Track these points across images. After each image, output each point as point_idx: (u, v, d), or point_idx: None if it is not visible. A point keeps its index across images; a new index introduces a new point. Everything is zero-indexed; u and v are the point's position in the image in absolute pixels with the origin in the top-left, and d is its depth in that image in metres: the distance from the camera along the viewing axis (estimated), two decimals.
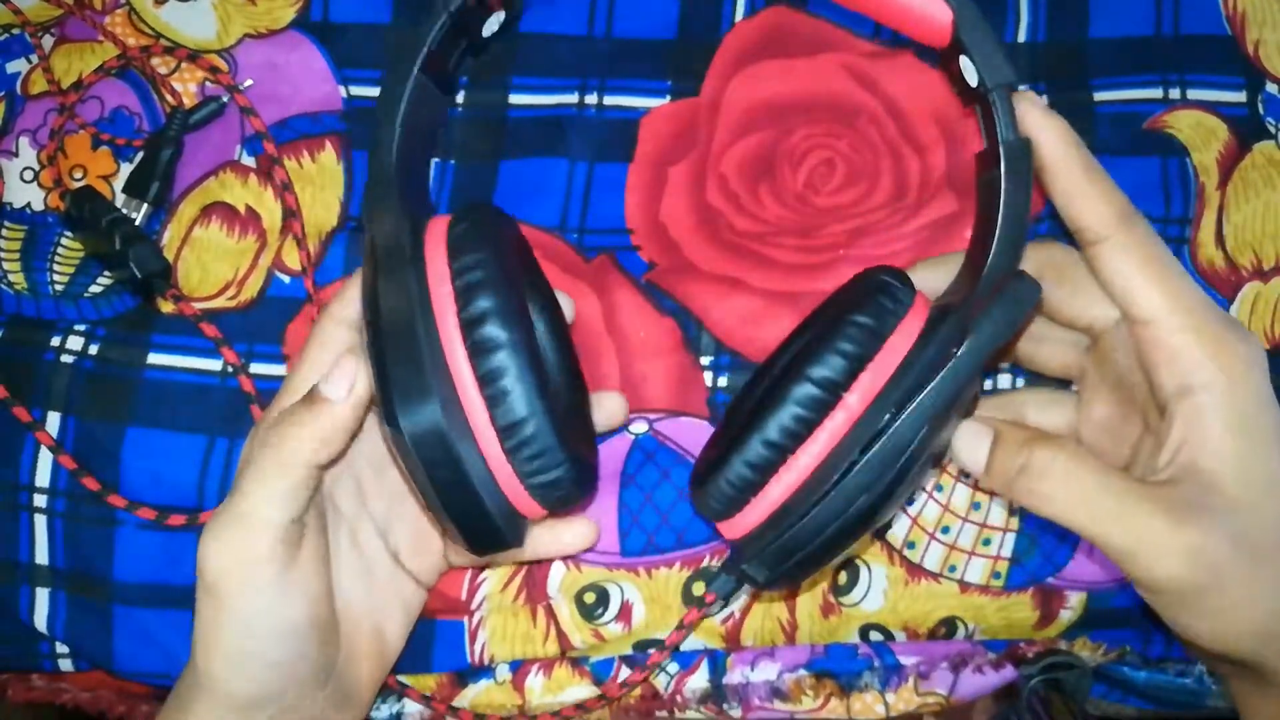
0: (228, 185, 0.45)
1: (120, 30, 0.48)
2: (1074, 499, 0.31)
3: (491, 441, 0.32)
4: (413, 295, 0.32)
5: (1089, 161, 0.33)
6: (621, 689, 0.40)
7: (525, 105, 0.46)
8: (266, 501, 0.33)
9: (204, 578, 0.33)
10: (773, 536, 0.32)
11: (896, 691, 0.41)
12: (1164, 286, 0.32)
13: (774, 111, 0.45)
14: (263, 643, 0.34)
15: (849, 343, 0.32)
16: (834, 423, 0.32)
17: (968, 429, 0.33)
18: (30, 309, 0.44)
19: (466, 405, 0.32)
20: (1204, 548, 0.30)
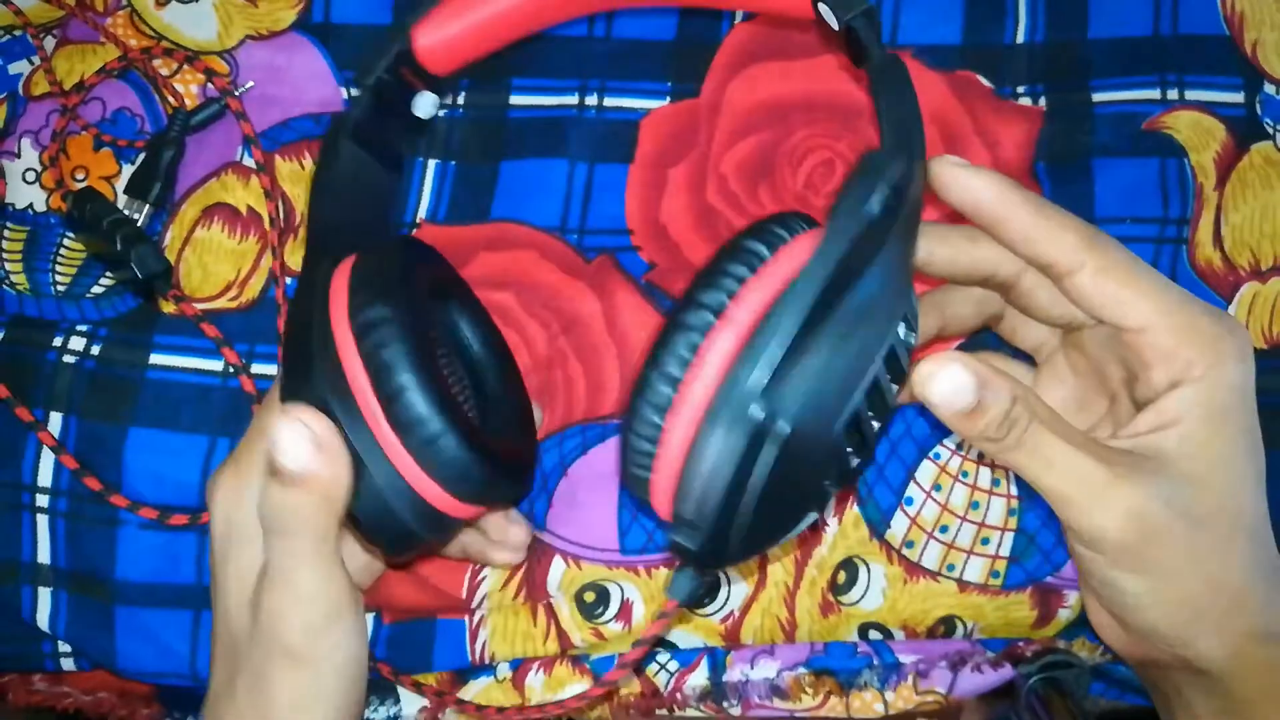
0: (229, 186, 0.46)
1: (122, 32, 0.48)
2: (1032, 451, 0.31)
3: (386, 431, 0.32)
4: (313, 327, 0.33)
5: (1034, 200, 0.33)
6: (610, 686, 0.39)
7: (525, 106, 0.46)
8: (321, 577, 0.32)
9: (291, 646, 0.32)
10: (689, 493, 0.29)
11: (895, 690, 0.41)
12: (1150, 296, 0.32)
13: (773, 112, 0.45)
14: (348, 696, 0.34)
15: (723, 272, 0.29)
16: (713, 347, 0.29)
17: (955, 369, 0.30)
18: (32, 309, 0.44)
19: (362, 406, 0.32)
20: (1143, 507, 0.31)
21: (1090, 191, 0.44)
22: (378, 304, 0.32)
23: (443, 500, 0.33)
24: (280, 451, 0.31)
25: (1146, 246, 0.43)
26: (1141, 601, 0.32)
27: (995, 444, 0.31)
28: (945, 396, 0.30)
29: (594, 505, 0.41)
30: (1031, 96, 0.46)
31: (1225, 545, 0.32)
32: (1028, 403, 0.31)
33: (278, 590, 0.33)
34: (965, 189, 0.33)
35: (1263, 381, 0.42)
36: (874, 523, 0.41)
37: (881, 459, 0.41)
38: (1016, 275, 0.35)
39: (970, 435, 0.31)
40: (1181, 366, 0.32)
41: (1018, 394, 0.31)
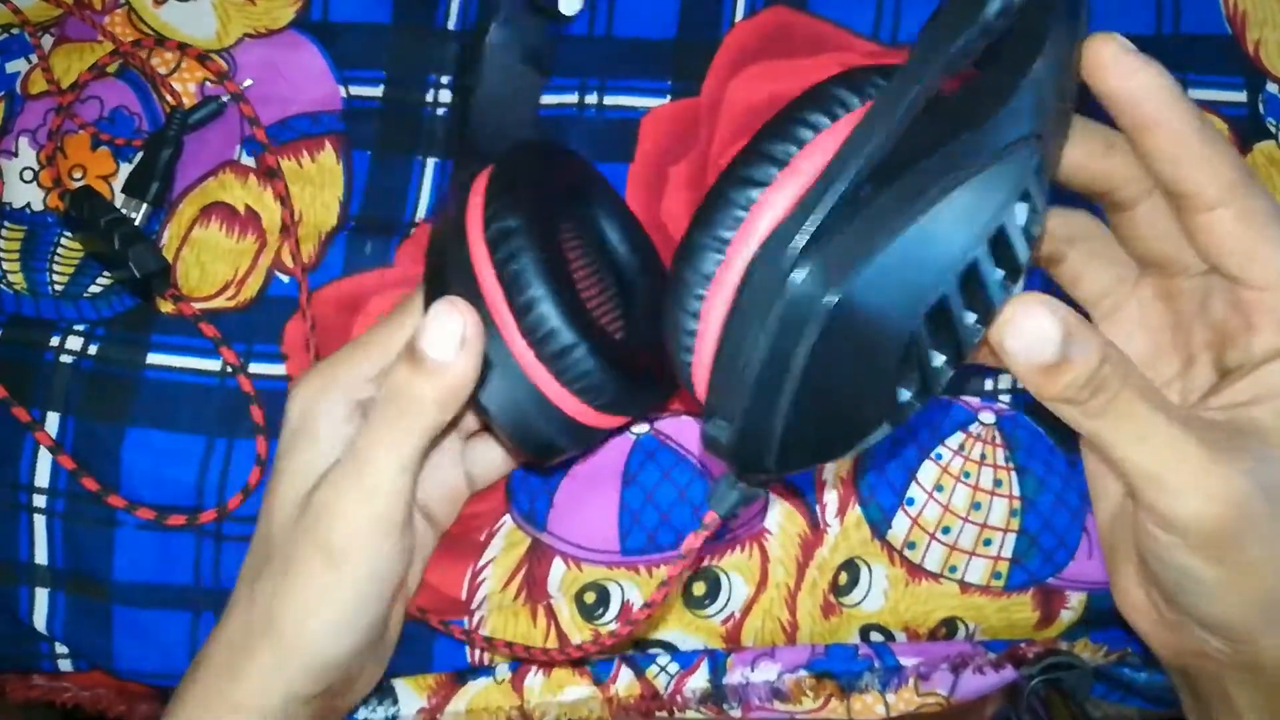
0: (227, 185, 0.45)
1: (120, 30, 0.48)
2: (1119, 420, 0.27)
3: (533, 361, 0.33)
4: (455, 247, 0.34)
5: (1199, 116, 0.29)
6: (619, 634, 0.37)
7: None
8: (398, 465, 0.32)
9: (330, 542, 0.32)
10: (721, 377, 0.25)
11: (897, 692, 0.41)
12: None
13: (774, 111, 0.45)
14: (370, 607, 0.33)
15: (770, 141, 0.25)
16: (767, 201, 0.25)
17: (1039, 311, 0.26)
18: (30, 309, 0.44)
19: (498, 320, 0.33)
20: (1244, 492, 0.28)
21: None
22: (510, 216, 0.33)
23: (583, 412, 0.34)
24: (427, 337, 0.31)
25: None
26: (1216, 593, 0.29)
27: (1077, 407, 0.27)
28: (1026, 346, 0.26)
29: (595, 506, 0.41)
30: None
31: None
32: (1120, 365, 0.27)
33: (342, 480, 0.32)
34: (1127, 78, 0.28)
35: None
36: (876, 523, 0.41)
37: (883, 459, 0.41)
38: (1138, 199, 0.30)
39: (1049, 394, 0.27)
40: None
41: (1109, 353, 0.27)
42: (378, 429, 0.32)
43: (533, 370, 0.33)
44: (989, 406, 0.42)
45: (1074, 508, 0.40)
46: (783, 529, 0.41)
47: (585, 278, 0.37)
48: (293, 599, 0.33)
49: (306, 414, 0.34)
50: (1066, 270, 0.33)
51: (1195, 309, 0.31)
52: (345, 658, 0.34)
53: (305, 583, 0.33)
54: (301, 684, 0.33)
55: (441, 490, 0.39)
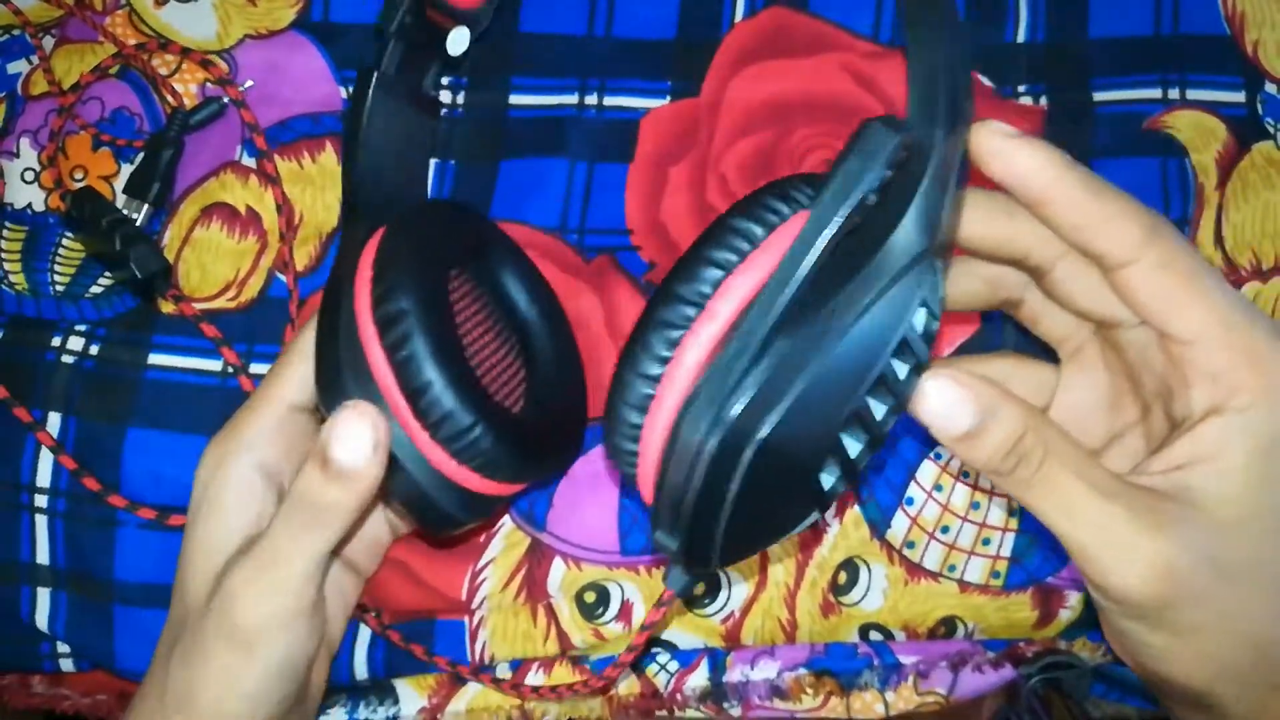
0: (228, 186, 0.45)
1: (121, 31, 0.48)
2: (1046, 491, 0.28)
3: (418, 432, 0.32)
4: (340, 319, 0.33)
5: (1089, 180, 0.29)
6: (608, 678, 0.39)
7: (525, 105, 0.46)
8: (310, 559, 0.32)
9: (237, 629, 0.32)
10: (664, 497, 0.27)
11: (896, 690, 0.41)
12: (1207, 304, 0.28)
13: (774, 111, 0.45)
14: (285, 684, 0.33)
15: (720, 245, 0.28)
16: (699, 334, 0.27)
17: (946, 385, 0.27)
18: (31, 309, 0.44)
19: (391, 403, 0.32)
20: (1173, 561, 0.28)
21: None
22: (398, 296, 0.32)
23: (484, 486, 0.34)
24: (339, 444, 0.30)
25: None
26: (1162, 655, 0.29)
27: (1002, 478, 0.28)
28: (937, 415, 0.27)
29: (594, 506, 0.41)
30: (1032, 96, 0.46)
31: (1255, 599, 0.29)
32: (1042, 435, 0.28)
33: (258, 570, 0.32)
34: (1009, 163, 0.29)
35: None
36: (875, 523, 0.41)
37: (883, 458, 0.41)
38: (1052, 261, 0.31)
39: (974, 463, 0.28)
40: (1226, 392, 0.28)
41: (1030, 424, 0.27)
42: (289, 528, 0.32)
43: (429, 451, 0.33)
44: None
45: None
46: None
47: (483, 345, 0.37)
48: (205, 681, 0.33)
49: (210, 483, 0.34)
50: (1025, 312, 0.34)
51: (1142, 360, 0.31)
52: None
53: (216, 666, 0.33)
54: None
55: (363, 543, 0.39)
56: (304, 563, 0.32)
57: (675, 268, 0.28)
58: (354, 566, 0.39)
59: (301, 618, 0.33)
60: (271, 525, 0.33)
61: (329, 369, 0.33)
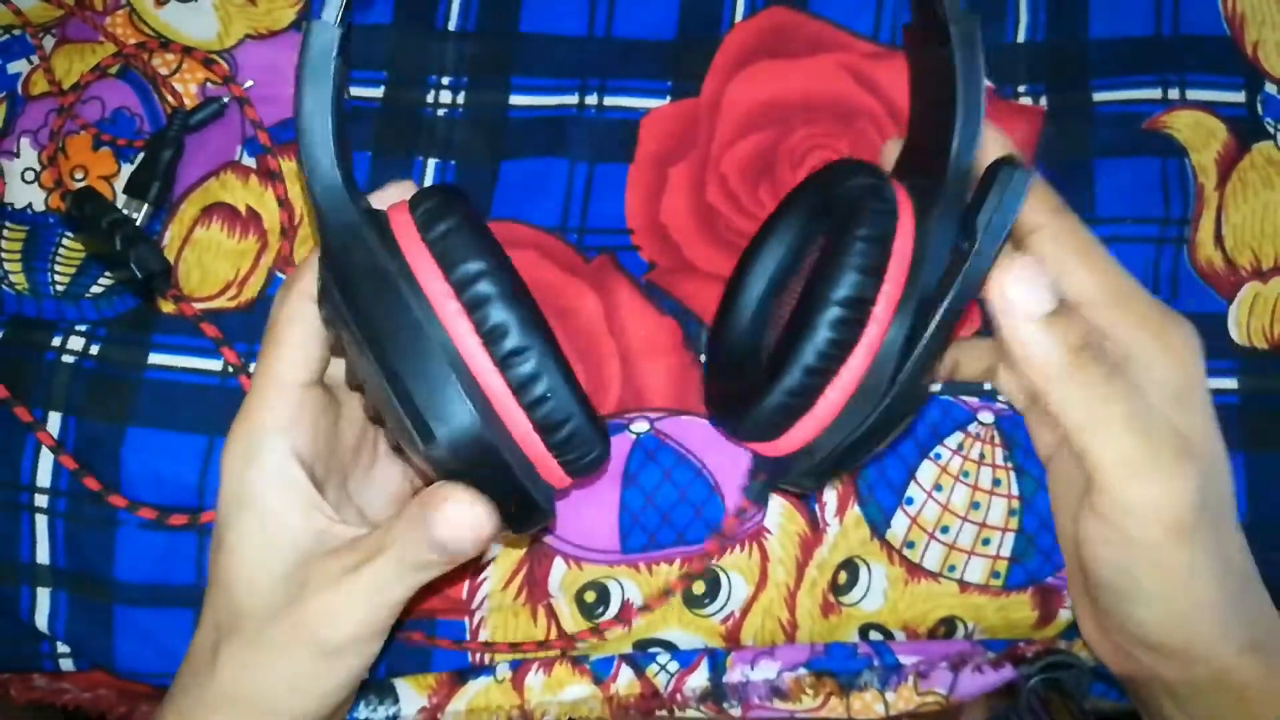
0: (229, 186, 0.45)
1: (121, 31, 0.48)
2: (1112, 398, 0.30)
3: (535, 443, 0.32)
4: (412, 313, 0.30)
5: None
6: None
7: (525, 106, 0.46)
8: (404, 595, 0.32)
9: (328, 641, 0.32)
10: (824, 450, 0.33)
11: (896, 691, 0.41)
12: (1095, 269, 0.32)
13: (774, 112, 0.45)
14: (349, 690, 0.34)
15: (862, 256, 0.32)
16: (868, 337, 0.32)
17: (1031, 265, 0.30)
18: (31, 309, 0.44)
19: (504, 413, 0.31)
20: (1201, 487, 0.29)
21: (1091, 191, 0.44)
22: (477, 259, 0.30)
23: (563, 481, 0.33)
24: (446, 536, 0.31)
25: (1147, 247, 0.43)
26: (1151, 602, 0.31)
27: (1079, 372, 0.29)
28: (1024, 294, 0.29)
29: (594, 506, 0.41)
30: (1032, 96, 0.46)
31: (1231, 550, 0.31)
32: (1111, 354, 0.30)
33: (350, 587, 0.32)
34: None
35: (1263, 383, 0.42)
36: (875, 523, 0.41)
37: (882, 458, 0.41)
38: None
39: (1047, 352, 0.30)
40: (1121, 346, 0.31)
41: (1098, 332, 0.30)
42: (393, 571, 0.32)
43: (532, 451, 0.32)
44: (988, 406, 0.42)
45: None
46: (782, 528, 0.41)
47: None
48: (271, 682, 0.33)
49: (243, 479, 0.33)
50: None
51: None
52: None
53: (291, 671, 0.33)
54: None
55: (392, 500, 0.38)
56: (405, 593, 0.32)
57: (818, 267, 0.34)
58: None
59: (383, 635, 0.33)
60: (378, 554, 0.32)
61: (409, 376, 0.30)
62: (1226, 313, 0.43)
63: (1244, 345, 0.43)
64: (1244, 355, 0.42)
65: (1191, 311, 0.42)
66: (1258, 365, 0.42)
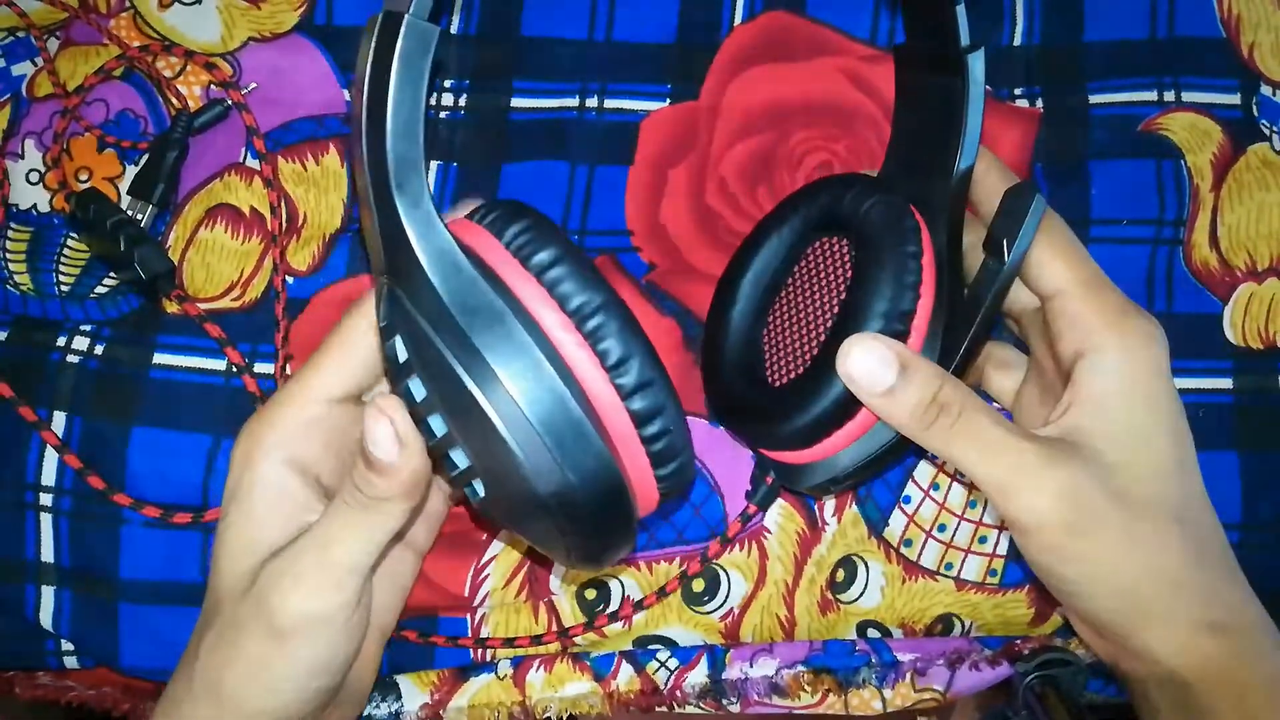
0: (232, 187, 0.46)
1: (125, 34, 0.48)
2: (966, 438, 0.32)
3: (649, 479, 0.30)
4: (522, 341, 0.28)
5: (994, 161, 0.37)
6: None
7: (526, 109, 0.46)
8: (359, 550, 0.32)
9: (274, 622, 0.32)
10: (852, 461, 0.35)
11: (894, 687, 0.42)
12: (1068, 261, 0.34)
13: (772, 115, 0.45)
14: (315, 680, 0.33)
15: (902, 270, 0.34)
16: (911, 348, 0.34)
17: (874, 348, 0.32)
18: (36, 309, 0.44)
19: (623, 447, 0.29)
20: (1075, 487, 0.31)
21: (1087, 193, 0.44)
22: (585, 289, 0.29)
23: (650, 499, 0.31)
24: (369, 439, 0.30)
25: (1143, 248, 0.44)
26: (1082, 590, 0.32)
27: (926, 430, 0.32)
28: (863, 372, 0.31)
29: None
30: (1029, 99, 0.46)
31: (1162, 532, 0.32)
32: (959, 389, 0.32)
33: (299, 563, 0.32)
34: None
35: (1258, 383, 0.43)
36: (872, 521, 0.41)
37: None
38: None
39: (898, 419, 0.32)
40: (1084, 335, 0.33)
41: (947, 379, 0.32)
42: (341, 515, 0.32)
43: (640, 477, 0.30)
44: None
45: None
46: (781, 527, 0.41)
47: None
48: (235, 667, 0.33)
49: (240, 477, 0.34)
50: None
51: (1037, 341, 0.36)
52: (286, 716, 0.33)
53: (246, 654, 0.33)
54: None
55: (423, 519, 0.39)
56: (349, 555, 0.32)
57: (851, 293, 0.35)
58: (412, 545, 0.39)
59: (338, 617, 0.32)
60: (323, 515, 0.32)
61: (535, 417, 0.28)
62: (1222, 313, 0.43)
63: (1239, 345, 0.43)
64: (1239, 355, 0.43)
65: (1187, 312, 0.43)
66: (1252, 365, 0.43)
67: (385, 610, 0.38)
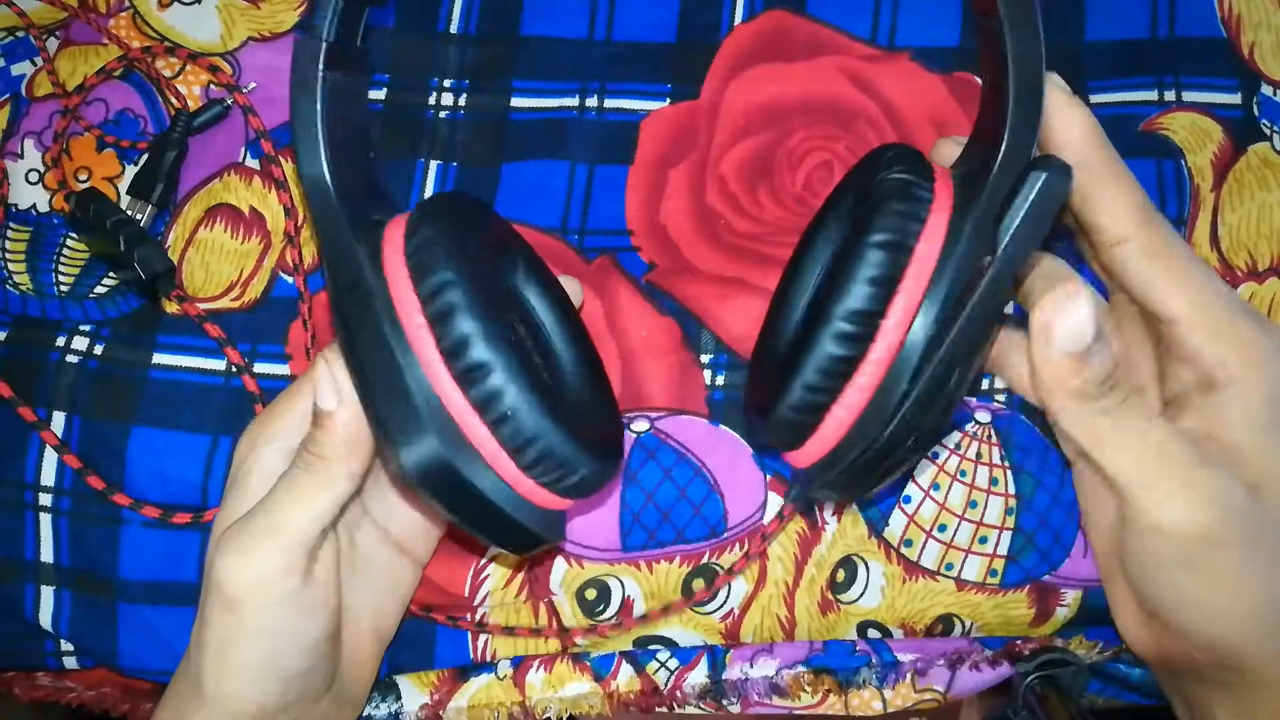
0: (232, 187, 0.46)
1: (124, 33, 0.48)
2: (1120, 423, 0.30)
3: (505, 463, 0.31)
4: (383, 328, 0.30)
5: (1108, 158, 0.32)
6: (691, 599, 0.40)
7: (526, 108, 0.46)
8: (303, 515, 0.32)
9: (223, 591, 0.32)
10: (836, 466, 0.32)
11: (894, 688, 0.41)
12: (1186, 290, 0.31)
13: (772, 114, 0.45)
14: (281, 658, 0.33)
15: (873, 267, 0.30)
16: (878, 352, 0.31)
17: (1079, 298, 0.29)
18: (35, 309, 0.44)
19: (468, 432, 0.30)
20: (1226, 498, 0.29)
21: None
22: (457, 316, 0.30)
23: (561, 504, 0.33)
24: (316, 392, 0.32)
25: None
26: (1199, 605, 0.30)
27: (1088, 403, 0.29)
28: (1071, 332, 0.28)
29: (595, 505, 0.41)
30: None
31: None
32: (1127, 372, 0.30)
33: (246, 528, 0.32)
34: (1055, 113, 0.32)
35: None
36: (873, 521, 0.41)
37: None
38: None
39: (1072, 383, 0.29)
40: (1208, 367, 0.31)
41: (1120, 360, 0.30)
42: (289, 479, 0.33)
43: (514, 480, 0.31)
44: (985, 406, 0.42)
45: (1069, 506, 0.40)
46: None
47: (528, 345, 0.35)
48: (205, 648, 0.33)
49: (241, 465, 0.35)
50: None
51: (1140, 335, 0.34)
52: (275, 707, 0.34)
53: (211, 628, 0.33)
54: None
55: (414, 524, 0.39)
56: (293, 521, 0.32)
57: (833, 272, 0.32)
58: (411, 554, 0.39)
59: (286, 582, 0.32)
60: (274, 486, 0.33)
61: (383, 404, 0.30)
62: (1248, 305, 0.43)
63: None
64: None
65: None
66: None
67: (384, 615, 0.38)
